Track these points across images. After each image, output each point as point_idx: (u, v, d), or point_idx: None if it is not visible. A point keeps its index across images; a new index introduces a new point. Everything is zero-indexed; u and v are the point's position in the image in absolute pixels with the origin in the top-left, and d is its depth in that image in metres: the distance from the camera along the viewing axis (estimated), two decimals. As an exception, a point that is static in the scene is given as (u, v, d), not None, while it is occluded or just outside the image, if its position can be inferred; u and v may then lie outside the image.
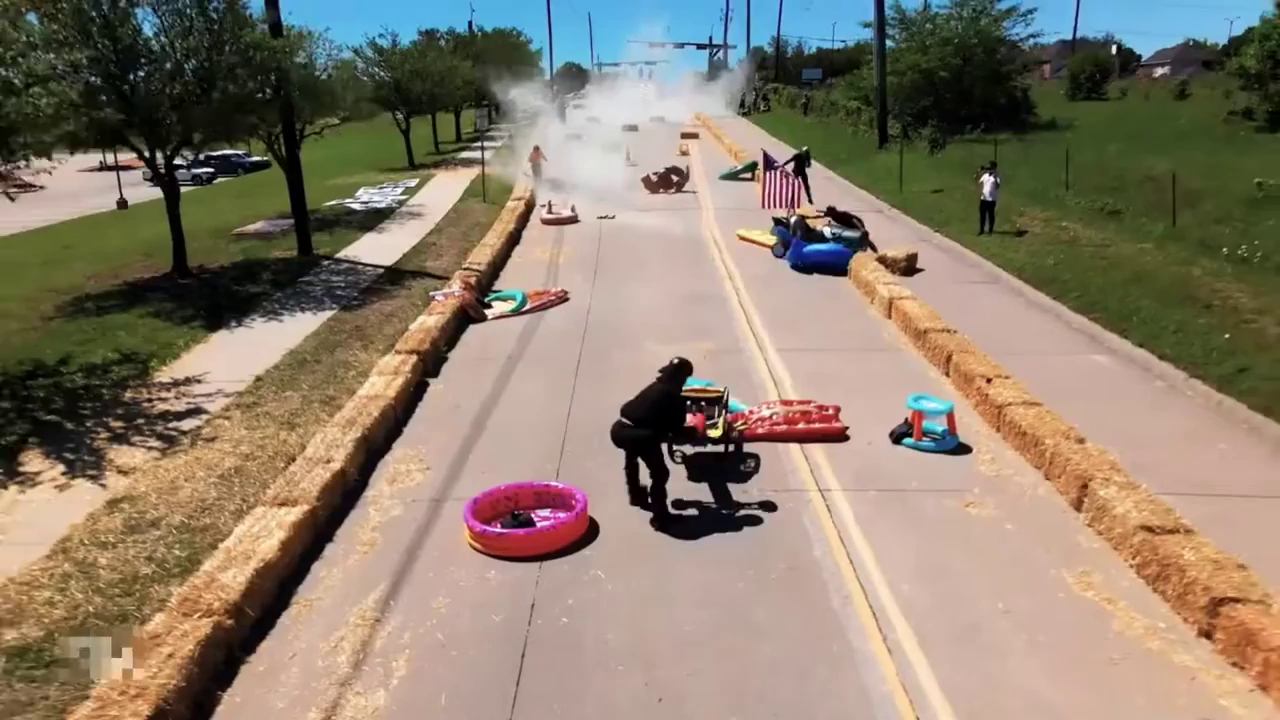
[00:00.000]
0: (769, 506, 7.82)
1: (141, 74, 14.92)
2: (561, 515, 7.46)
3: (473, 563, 7.06)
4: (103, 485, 8.27)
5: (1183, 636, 5.97)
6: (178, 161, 15.50)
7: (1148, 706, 5.36)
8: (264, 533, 6.93)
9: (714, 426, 8.50)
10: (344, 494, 8.11)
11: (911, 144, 31.05)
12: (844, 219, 17.89)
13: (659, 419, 7.57)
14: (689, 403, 8.39)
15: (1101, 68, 48.93)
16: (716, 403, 8.87)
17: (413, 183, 30.49)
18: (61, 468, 8.66)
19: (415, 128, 39.60)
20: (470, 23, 74.31)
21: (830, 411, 9.50)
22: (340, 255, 18.84)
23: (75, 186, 42.81)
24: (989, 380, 9.82)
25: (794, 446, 9.04)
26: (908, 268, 16.32)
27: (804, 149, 22.19)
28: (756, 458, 8.75)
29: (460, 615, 6.38)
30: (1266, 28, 29.58)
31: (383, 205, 25.82)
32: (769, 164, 21.00)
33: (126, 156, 40.97)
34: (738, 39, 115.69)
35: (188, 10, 15.29)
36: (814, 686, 5.58)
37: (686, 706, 5.45)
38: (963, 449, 8.92)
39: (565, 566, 6.98)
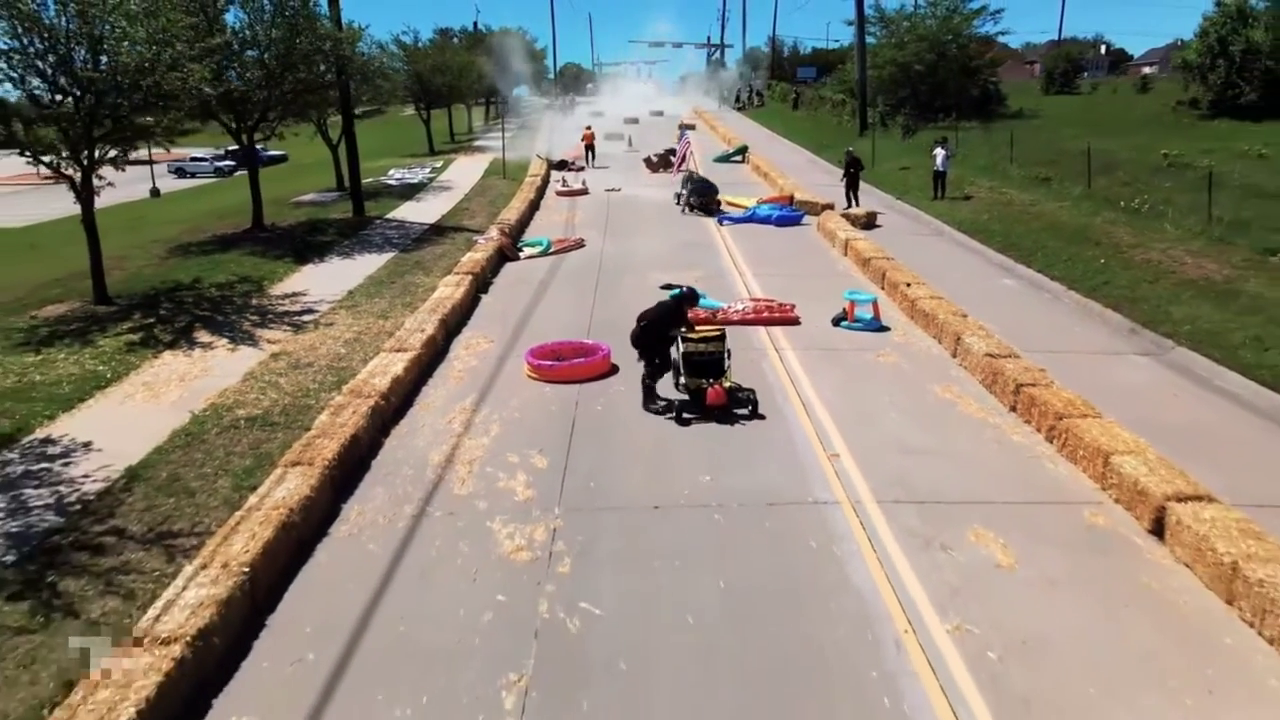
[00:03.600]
0: (739, 359, 11.01)
1: (233, 60, 18.11)
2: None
3: (533, 385, 10.29)
4: (261, 349, 11.49)
5: (999, 411, 9.25)
6: (200, 154, 18.19)
7: (964, 439, 8.61)
8: (390, 364, 10.15)
9: (725, 376, 9.30)
10: (435, 353, 11.33)
11: (887, 130, 34.27)
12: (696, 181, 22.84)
13: (648, 327, 9.63)
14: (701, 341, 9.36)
15: (1075, 63, 51.89)
16: (719, 342, 9.34)
17: (438, 164, 33.77)
18: (226, 340, 11.88)
19: (433, 119, 42.79)
20: (475, 23, 77.46)
21: (788, 306, 12.73)
22: (389, 216, 22.08)
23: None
24: (909, 285, 13.07)
25: (760, 329, 12.27)
26: (867, 223, 19.58)
27: (849, 149, 23.30)
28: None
29: (529, 407, 9.61)
30: (1206, 24, 32.70)
31: (415, 181, 29.08)
32: (682, 133, 23.55)
33: (155, 150, 44.51)
34: (734, 38, 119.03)
35: (268, 6, 18.50)
36: (759, 441, 8.80)
37: (678, 449, 8.65)
38: (883, 329, 12.17)
39: (596, 387, 10.21)
